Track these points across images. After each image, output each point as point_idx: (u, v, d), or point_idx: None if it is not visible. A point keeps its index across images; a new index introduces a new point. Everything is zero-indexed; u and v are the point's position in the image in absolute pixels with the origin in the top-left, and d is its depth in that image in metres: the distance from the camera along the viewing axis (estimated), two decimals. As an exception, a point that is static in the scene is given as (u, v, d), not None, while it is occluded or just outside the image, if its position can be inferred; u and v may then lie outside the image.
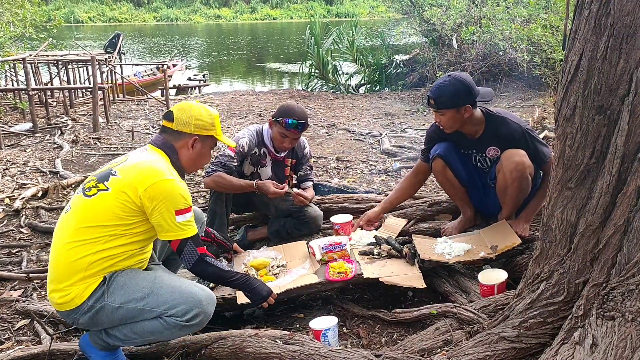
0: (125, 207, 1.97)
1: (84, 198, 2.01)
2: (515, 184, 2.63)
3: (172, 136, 2.16)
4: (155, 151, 2.13)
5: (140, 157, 2.09)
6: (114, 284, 1.99)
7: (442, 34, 9.37)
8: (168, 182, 1.99)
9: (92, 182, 2.05)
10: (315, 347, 2.03)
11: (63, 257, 1.98)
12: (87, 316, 2.00)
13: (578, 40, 1.76)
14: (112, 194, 1.98)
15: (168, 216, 1.98)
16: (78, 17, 37.00)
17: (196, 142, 2.17)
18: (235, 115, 8.20)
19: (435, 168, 2.86)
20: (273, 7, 43.49)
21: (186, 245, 2.03)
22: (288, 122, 2.92)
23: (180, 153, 2.16)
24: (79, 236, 1.97)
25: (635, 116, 1.64)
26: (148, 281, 2.02)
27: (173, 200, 1.98)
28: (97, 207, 1.98)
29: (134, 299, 1.98)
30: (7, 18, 8.45)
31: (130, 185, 1.97)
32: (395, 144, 6.00)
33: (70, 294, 1.96)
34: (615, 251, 1.73)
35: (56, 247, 2.02)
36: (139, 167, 2.02)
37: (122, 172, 2.02)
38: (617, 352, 1.62)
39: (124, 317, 2.01)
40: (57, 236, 2.04)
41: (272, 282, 2.53)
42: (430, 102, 2.64)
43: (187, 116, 2.16)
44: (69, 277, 1.96)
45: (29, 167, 5.28)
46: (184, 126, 2.15)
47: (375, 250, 2.74)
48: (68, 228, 2.01)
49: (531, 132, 2.68)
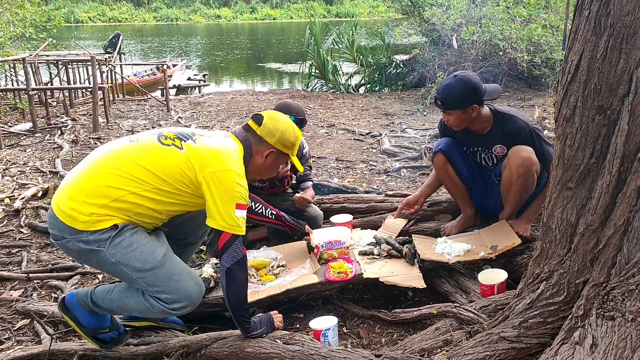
0: (184, 174, 1.98)
1: (157, 142, 2.02)
2: (521, 180, 2.63)
3: (254, 138, 2.18)
4: (235, 142, 2.14)
5: (222, 140, 2.09)
6: (121, 238, 1.96)
7: (442, 34, 9.36)
8: (235, 174, 1.99)
9: (171, 134, 2.06)
10: (315, 347, 2.03)
11: (103, 177, 1.95)
12: (78, 246, 1.96)
13: (578, 40, 1.76)
14: (184, 155, 1.98)
15: (229, 206, 1.96)
16: (78, 17, 36.99)
17: (271, 154, 2.18)
18: (235, 115, 8.20)
19: (437, 163, 2.88)
20: (273, 7, 43.47)
21: (235, 241, 1.99)
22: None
23: (254, 157, 2.17)
24: (130, 169, 1.96)
25: (635, 116, 1.64)
26: (153, 257, 2.00)
27: (237, 192, 1.97)
28: (163, 157, 1.98)
29: (133, 266, 1.97)
30: (7, 18, 8.45)
31: (200, 159, 1.98)
32: (395, 144, 5.99)
33: (86, 213, 1.92)
34: (615, 251, 1.73)
35: (101, 164, 1.99)
36: (217, 147, 2.03)
37: (201, 142, 2.03)
38: (617, 352, 1.62)
39: (113, 273, 2.02)
40: (109, 156, 2.01)
41: (272, 282, 2.53)
42: (438, 103, 2.65)
43: (275, 127, 2.17)
44: (96, 197, 1.93)
45: (29, 167, 5.28)
46: (268, 135, 2.16)
47: (375, 250, 2.74)
48: (126, 156, 1.99)
49: (538, 131, 2.68)
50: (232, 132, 2.20)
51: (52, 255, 3.32)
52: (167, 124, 7.46)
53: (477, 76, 2.72)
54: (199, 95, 11.19)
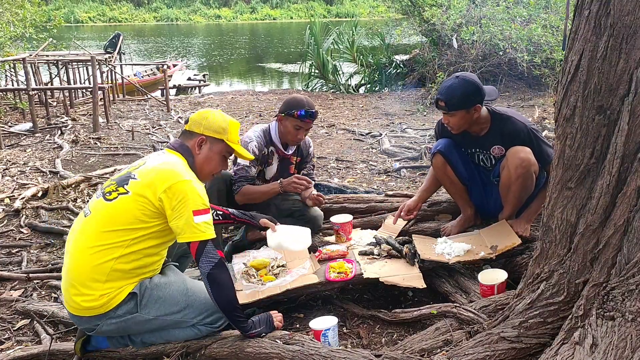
0: (145, 210, 1.98)
1: (105, 202, 2.03)
2: (520, 181, 2.63)
3: (186, 137, 2.19)
4: (172, 154, 2.14)
5: (158, 159, 2.10)
6: (146, 298, 2.03)
7: (442, 34, 9.36)
8: (185, 182, 1.98)
9: (112, 186, 2.06)
10: (315, 347, 2.03)
11: (86, 261, 1.98)
12: (112, 323, 2.03)
13: (578, 40, 1.76)
14: (132, 196, 1.99)
15: (186, 217, 1.96)
16: (78, 17, 36.98)
17: (203, 143, 2.17)
18: (235, 115, 8.20)
19: (436, 164, 2.87)
20: (273, 7, 43.46)
21: (205, 247, 1.98)
22: (302, 113, 2.93)
23: (193, 155, 2.16)
24: (101, 240, 1.98)
25: (635, 116, 1.64)
26: (182, 294, 2.08)
27: (191, 200, 1.97)
28: (118, 210, 1.99)
29: (171, 312, 2.06)
30: (7, 18, 8.45)
31: (149, 187, 1.98)
32: (395, 144, 6.00)
33: (95, 297, 1.97)
34: (615, 251, 1.73)
35: (77, 250, 2.02)
36: (157, 169, 2.03)
37: (141, 175, 2.03)
38: (617, 352, 1.62)
39: (158, 326, 2.09)
40: (78, 240, 2.04)
41: (272, 282, 2.53)
42: (440, 105, 2.63)
43: (200, 117, 2.18)
44: (94, 281, 1.98)
45: (29, 167, 5.28)
46: (195, 126, 2.17)
47: (375, 250, 2.74)
48: (90, 232, 2.01)
49: (536, 132, 2.68)
50: (166, 147, 2.20)
51: (52, 255, 3.32)
52: (167, 124, 7.46)
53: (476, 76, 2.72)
54: (199, 95, 11.19)
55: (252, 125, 7.17)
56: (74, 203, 4.14)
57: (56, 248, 3.43)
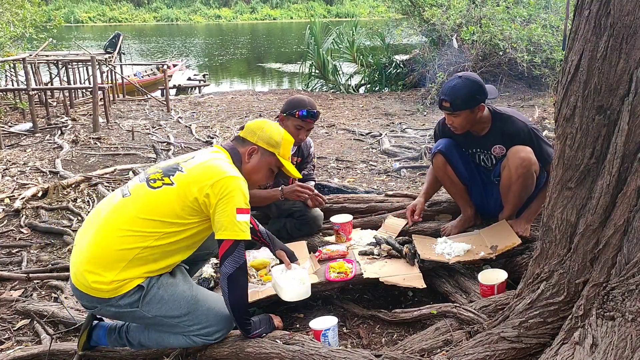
0: (185, 205, 1.97)
1: (148, 188, 2.01)
2: (520, 180, 2.63)
3: (238, 142, 2.19)
4: (222, 152, 2.14)
5: (208, 156, 2.10)
6: (150, 295, 2.00)
7: (442, 34, 9.37)
8: (233, 178, 1.98)
9: (157, 174, 2.05)
10: (315, 347, 2.03)
11: (113, 242, 1.95)
12: (112, 310, 2.01)
13: (578, 40, 1.76)
14: (177, 189, 1.98)
15: (229, 213, 1.95)
16: (78, 17, 37.00)
17: (254, 152, 2.17)
18: (235, 115, 8.21)
19: (436, 164, 2.87)
20: (273, 7, 43.48)
21: (237, 247, 1.97)
22: (303, 113, 2.93)
23: (242, 161, 2.16)
24: (135, 226, 1.95)
25: (635, 116, 1.64)
26: (186, 301, 2.04)
27: (236, 197, 1.96)
28: (159, 200, 1.97)
29: (170, 315, 2.02)
30: (7, 18, 8.46)
31: (196, 182, 1.97)
32: (395, 144, 6.00)
33: (107, 282, 1.94)
34: (615, 251, 1.73)
35: (107, 227, 1.98)
36: (205, 165, 2.03)
37: (188, 169, 2.02)
38: (617, 352, 1.62)
39: (153, 324, 2.07)
40: (110, 217, 2.00)
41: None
42: (445, 105, 2.62)
43: (256, 127, 2.19)
44: (113, 264, 1.94)
45: (29, 167, 5.28)
46: (250, 134, 2.18)
47: (375, 250, 2.74)
48: (125, 214, 1.98)
49: (537, 132, 2.68)
50: (217, 144, 2.20)
51: (52, 255, 3.32)
52: (168, 124, 7.46)
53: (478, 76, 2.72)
54: (199, 95, 11.19)
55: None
56: (74, 203, 4.15)
57: (56, 248, 3.43)
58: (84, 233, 2.06)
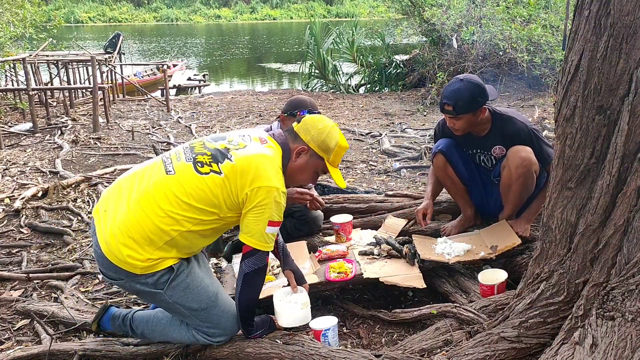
0: (229, 198, 1.94)
1: (195, 173, 1.95)
2: (520, 180, 2.63)
3: (291, 136, 2.11)
4: (274, 146, 2.06)
5: (259, 149, 2.02)
6: (178, 281, 1.99)
7: (442, 34, 9.36)
8: (276, 190, 1.93)
9: (205, 157, 1.98)
10: (315, 347, 2.03)
11: (154, 220, 1.92)
12: (136, 287, 1.99)
13: (578, 40, 1.76)
14: (224, 180, 1.93)
15: (261, 223, 1.93)
16: (78, 17, 37.00)
17: (303, 152, 2.08)
18: (235, 115, 8.21)
19: (436, 164, 2.87)
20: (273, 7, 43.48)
21: (259, 253, 1.98)
22: (304, 114, 2.93)
23: (291, 158, 2.09)
24: (177, 208, 1.92)
25: (635, 116, 1.64)
26: (207, 296, 2.04)
27: (273, 210, 1.94)
28: (206, 188, 1.93)
29: (189, 307, 2.02)
30: (7, 18, 8.46)
31: (242, 176, 1.93)
32: (395, 144, 6.00)
33: (142, 259, 1.92)
34: (615, 251, 1.73)
35: (147, 204, 1.93)
36: (255, 161, 1.96)
37: (238, 159, 1.96)
38: (617, 352, 1.62)
39: (168, 309, 2.07)
40: (151, 192, 1.94)
41: (272, 282, 2.53)
42: (447, 109, 2.60)
43: (312, 125, 2.10)
44: (150, 242, 1.92)
45: (29, 167, 5.28)
46: (304, 132, 2.09)
47: (375, 250, 2.74)
48: (168, 193, 1.93)
49: (537, 132, 2.68)
50: (270, 135, 2.11)
51: (52, 255, 3.32)
52: (168, 124, 7.46)
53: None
54: (199, 95, 11.19)
55: (252, 126, 7.18)
56: (74, 203, 4.14)
57: (56, 248, 3.43)
58: (119, 199, 1.99)
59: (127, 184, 2.03)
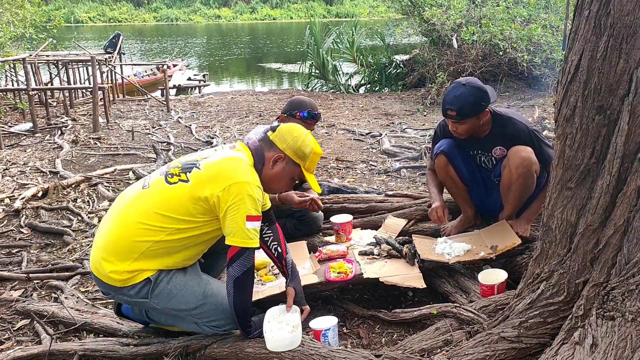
0: (197, 204, 1.97)
1: (165, 184, 2.03)
2: (521, 180, 2.62)
3: (266, 144, 2.13)
4: (244, 150, 2.10)
5: (226, 153, 2.06)
6: (159, 289, 2.04)
7: (442, 34, 9.37)
8: (246, 184, 1.94)
9: (177, 169, 2.05)
10: (315, 347, 2.03)
11: (129, 233, 2.00)
12: (124, 299, 2.10)
13: (578, 40, 1.76)
14: (191, 187, 1.98)
15: (239, 219, 1.94)
16: (78, 17, 37.02)
17: (280, 160, 2.11)
18: (235, 115, 8.21)
19: (438, 164, 2.87)
20: (273, 7, 43.48)
21: (245, 253, 1.97)
22: (304, 115, 2.93)
23: (265, 165, 2.11)
24: (150, 219, 1.99)
25: (635, 116, 1.64)
26: (195, 297, 2.08)
27: (247, 204, 1.94)
28: (174, 196, 1.99)
29: (179, 309, 2.08)
30: (7, 18, 8.46)
31: (210, 181, 1.96)
32: (395, 144, 6.00)
33: (119, 271, 2.00)
34: (615, 251, 1.73)
35: (124, 218, 2.03)
36: (222, 164, 2.00)
37: (205, 167, 2.01)
38: (617, 352, 1.62)
39: (164, 314, 2.14)
40: (128, 208, 2.04)
41: (272, 282, 2.53)
42: (451, 114, 2.60)
43: (288, 133, 2.12)
44: (126, 254, 2.00)
45: (29, 167, 5.28)
46: (280, 140, 2.11)
47: (375, 250, 2.74)
48: (142, 207, 2.02)
49: (537, 133, 2.68)
50: (241, 141, 2.16)
51: (52, 255, 3.32)
52: (168, 124, 7.46)
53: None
54: (199, 95, 11.19)
55: (252, 126, 7.17)
56: (74, 203, 4.15)
57: (56, 248, 3.43)
58: (106, 220, 2.12)
59: (115, 205, 2.14)
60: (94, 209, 4.03)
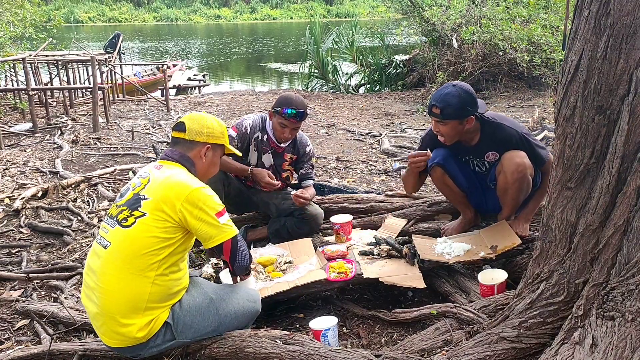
0: (166, 225, 1.98)
1: (124, 230, 2.00)
2: (517, 185, 2.62)
3: (186, 147, 2.18)
4: (173, 165, 2.13)
5: (163, 174, 2.07)
6: (181, 325, 2.06)
7: (442, 34, 9.37)
8: (198, 190, 2.01)
9: (124, 212, 2.03)
10: (315, 347, 2.03)
11: (123, 292, 1.96)
12: (155, 351, 2.07)
13: (578, 40, 1.76)
14: (151, 216, 1.98)
15: (211, 221, 2.01)
16: (78, 17, 37.05)
17: (208, 150, 2.21)
18: (235, 115, 8.21)
19: (435, 176, 2.84)
20: (273, 7, 43.52)
21: (236, 243, 2.09)
22: (287, 112, 2.92)
23: (196, 163, 2.18)
24: (132, 269, 1.96)
25: (635, 116, 1.65)
26: (212, 314, 2.12)
27: (210, 205, 2.02)
28: (140, 234, 1.97)
29: (206, 332, 2.12)
30: (7, 18, 8.46)
31: (165, 202, 1.98)
32: (395, 144, 6.00)
33: (133, 331, 1.98)
34: (615, 251, 1.73)
35: (110, 284, 1.98)
36: (166, 184, 2.02)
37: (151, 193, 2.02)
38: (617, 352, 1.62)
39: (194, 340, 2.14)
40: (106, 274, 1.99)
41: (280, 277, 2.54)
42: (434, 112, 2.57)
43: (200, 125, 2.19)
44: (134, 310, 1.97)
45: (29, 167, 5.28)
46: (197, 135, 2.18)
47: (375, 250, 2.74)
48: (117, 263, 1.98)
49: (528, 137, 2.66)
50: (161, 159, 2.17)
51: (52, 255, 3.32)
52: (168, 124, 7.46)
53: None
54: (199, 95, 11.20)
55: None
56: (74, 203, 4.14)
57: (56, 248, 3.43)
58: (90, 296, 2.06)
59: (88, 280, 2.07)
60: (93, 209, 4.03)
